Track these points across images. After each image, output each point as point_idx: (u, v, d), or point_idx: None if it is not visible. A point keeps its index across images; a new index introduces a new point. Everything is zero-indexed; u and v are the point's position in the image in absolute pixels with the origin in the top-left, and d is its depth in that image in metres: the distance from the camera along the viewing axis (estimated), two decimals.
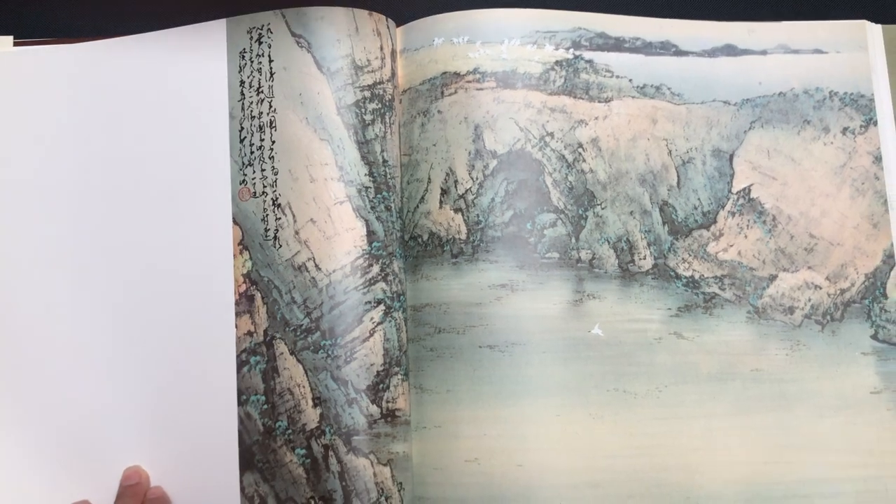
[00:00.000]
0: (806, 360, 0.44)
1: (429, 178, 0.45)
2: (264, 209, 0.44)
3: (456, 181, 0.45)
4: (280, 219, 0.44)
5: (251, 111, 0.45)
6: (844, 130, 0.46)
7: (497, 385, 0.43)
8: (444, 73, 0.46)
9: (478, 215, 0.45)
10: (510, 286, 0.44)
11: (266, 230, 0.44)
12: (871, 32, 0.48)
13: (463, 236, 0.45)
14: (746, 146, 0.46)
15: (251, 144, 0.44)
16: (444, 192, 0.45)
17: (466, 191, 0.45)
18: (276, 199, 0.44)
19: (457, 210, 0.45)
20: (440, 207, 0.45)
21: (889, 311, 0.45)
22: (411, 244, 0.45)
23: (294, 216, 0.44)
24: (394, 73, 0.46)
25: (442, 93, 0.46)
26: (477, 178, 0.45)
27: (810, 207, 0.46)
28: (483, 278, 0.44)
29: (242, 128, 0.45)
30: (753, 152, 0.46)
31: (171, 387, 0.43)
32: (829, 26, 0.48)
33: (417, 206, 0.45)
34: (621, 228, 0.45)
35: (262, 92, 0.45)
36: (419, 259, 0.45)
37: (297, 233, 0.43)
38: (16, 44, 0.47)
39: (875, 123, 0.47)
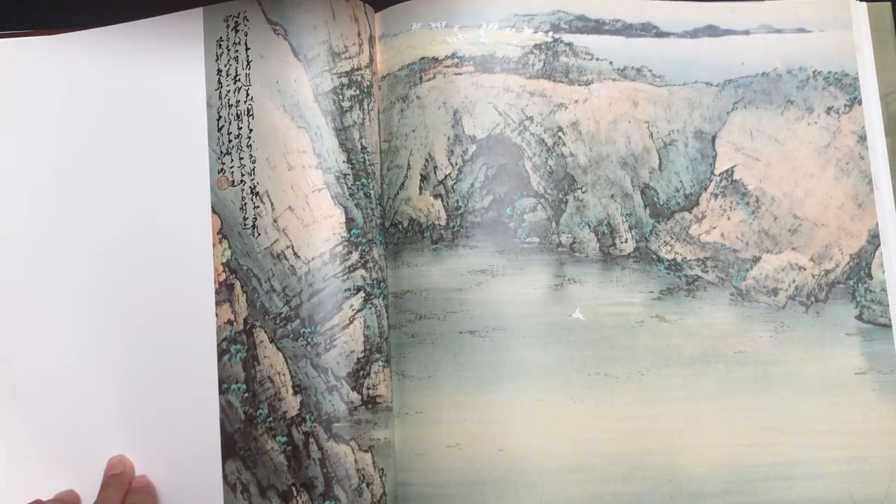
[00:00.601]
0: (790, 342, 0.44)
1: (408, 165, 0.45)
2: (243, 198, 0.44)
3: (435, 167, 0.45)
4: (258, 207, 0.44)
5: (228, 100, 0.45)
6: (829, 110, 0.46)
7: (478, 370, 0.43)
8: (423, 58, 0.45)
9: (457, 201, 0.45)
10: (490, 271, 0.44)
11: (245, 219, 0.44)
12: (856, 10, 0.47)
13: (443, 222, 0.44)
14: (729, 127, 0.46)
15: (229, 133, 0.44)
16: (424, 178, 0.45)
17: (446, 176, 0.45)
18: (255, 187, 0.44)
19: (436, 196, 0.45)
20: (420, 193, 0.45)
21: (874, 292, 0.44)
22: (391, 231, 0.45)
23: (272, 204, 0.43)
24: (372, 60, 0.46)
25: (420, 78, 0.45)
26: (456, 164, 0.45)
27: (794, 188, 0.45)
28: (463, 264, 0.44)
29: (220, 116, 0.45)
30: (736, 133, 0.46)
31: (153, 376, 0.44)
32: (812, 5, 0.47)
33: (398, 192, 0.45)
34: (602, 212, 0.45)
35: (239, 80, 0.45)
36: (399, 245, 0.45)
37: (275, 221, 0.43)
38: None
39: (860, 102, 0.46)
